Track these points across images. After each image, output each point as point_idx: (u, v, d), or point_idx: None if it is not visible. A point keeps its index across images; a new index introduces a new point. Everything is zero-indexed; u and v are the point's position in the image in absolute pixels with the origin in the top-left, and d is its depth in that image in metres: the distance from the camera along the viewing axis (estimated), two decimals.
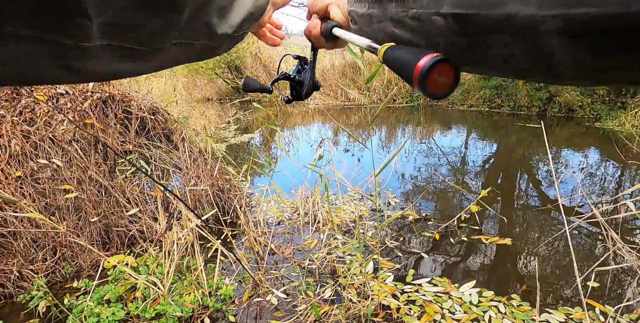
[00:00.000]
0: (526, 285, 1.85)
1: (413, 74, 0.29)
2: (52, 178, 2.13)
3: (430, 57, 0.29)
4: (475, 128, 5.98)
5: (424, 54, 0.29)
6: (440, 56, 0.29)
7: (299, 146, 5.14)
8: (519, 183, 3.44)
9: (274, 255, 2.29)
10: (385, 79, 8.26)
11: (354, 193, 3.14)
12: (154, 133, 2.77)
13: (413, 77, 0.29)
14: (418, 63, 0.29)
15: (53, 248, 2.06)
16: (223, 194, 2.91)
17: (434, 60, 0.29)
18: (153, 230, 2.36)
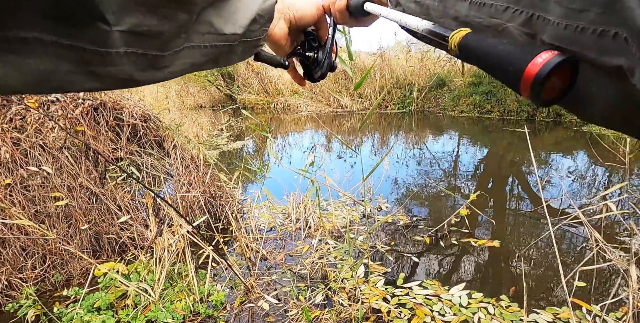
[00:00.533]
0: (515, 286, 1.87)
1: (522, 77, 0.22)
2: (42, 186, 2.13)
3: (549, 56, 0.22)
4: (466, 133, 6.06)
5: (537, 50, 0.22)
6: (562, 55, 0.22)
7: (292, 152, 5.16)
8: (509, 187, 3.49)
9: (265, 260, 2.29)
10: (377, 85, 8.35)
11: (345, 198, 3.16)
12: (145, 140, 2.78)
13: (522, 82, 0.22)
14: (531, 65, 0.22)
15: (42, 256, 2.04)
16: (215, 200, 2.91)
17: (556, 61, 0.21)
18: (144, 237, 2.35)
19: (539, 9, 0.24)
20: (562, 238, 2.38)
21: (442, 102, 7.79)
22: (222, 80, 10.29)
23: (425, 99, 8.04)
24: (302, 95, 9.29)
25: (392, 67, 8.37)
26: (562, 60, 0.22)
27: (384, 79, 8.33)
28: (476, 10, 0.29)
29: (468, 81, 7.44)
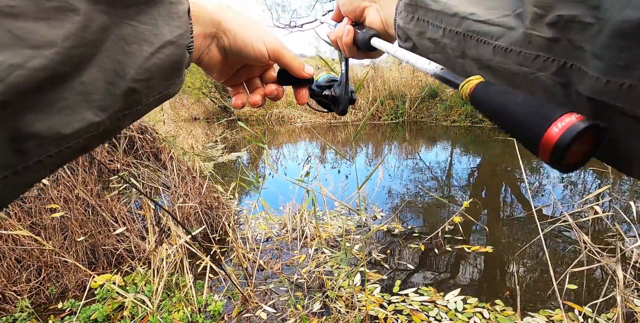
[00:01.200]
0: (509, 290, 1.90)
1: (540, 144, 0.21)
2: (39, 197, 2.13)
3: (572, 122, 0.20)
4: (458, 142, 6.15)
5: (558, 112, 0.20)
6: (586, 121, 0.20)
7: (286, 163, 5.19)
8: (501, 195, 3.55)
9: (262, 270, 2.30)
10: (370, 96, 8.48)
11: (340, 208, 3.19)
12: (142, 152, 2.80)
13: (540, 148, 0.21)
14: (552, 130, 0.20)
15: (38, 268, 2.03)
16: (211, 211, 2.92)
17: (579, 129, 0.19)
18: (141, 249, 2.35)
19: (573, 58, 0.22)
20: (553, 243, 2.43)
21: (434, 113, 7.92)
22: (217, 92, 10.36)
23: (417, 109, 8.16)
24: (296, 107, 9.38)
25: (385, 78, 8.51)
26: (586, 127, 0.19)
27: (377, 91, 8.47)
28: (502, 56, 0.26)
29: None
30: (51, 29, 0.23)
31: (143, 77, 0.29)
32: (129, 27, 0.28)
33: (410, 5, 0.35)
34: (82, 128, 0.26)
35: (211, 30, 0.37)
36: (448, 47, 0.32)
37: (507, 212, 3.08)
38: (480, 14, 0.28)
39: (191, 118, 10.66)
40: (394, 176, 4.21)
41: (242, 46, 0.39)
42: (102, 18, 0.26)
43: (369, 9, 0.45)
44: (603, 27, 0.20)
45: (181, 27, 0.31)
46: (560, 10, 0.23)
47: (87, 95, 0.25)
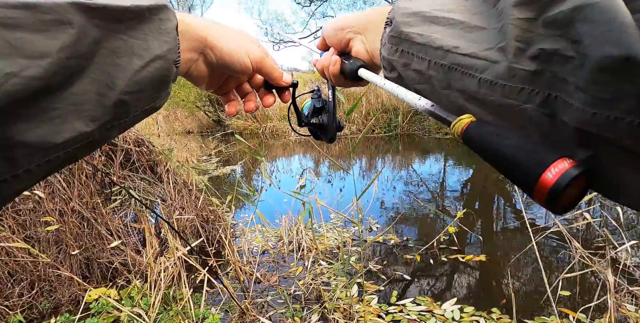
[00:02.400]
0: (505, 298, 1.92)
1: (534, 189, 0.21)
2: (34, 210, 2.12)
3: (565, 168, 0.21)
4: (451, 154, 6.24)
5: (551, 158, 0.21)
6: (578, 167, 0.21)
7: (281, 176, 5.21)
8: (495, 205, 3.59)
9: (259, 283, 2.29)
10: (364, 110, 8.59)
11: (336, 220, 3.20)
12: (138, 165, 2.80)
13: (534, 192, 0.22)
14: (546, 176, 0.21)
15: (31, 282, 2.00)
16: (207, 224, 2.91)
17: (572, 175, 0.21)
18: (137, 262, 2.33)
19: (557, 90, 0.23)
20: (546, 250, 2.46)
21: (426, 125, 8.04)
22: (211, 105, 10.42)
23: (410, 122, 8.28)
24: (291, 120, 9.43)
25: (378, 92, 8.65)
26: (579, 173, 0.21)
27: (370, 104, 8.59)
28: (487, 88, 0.27)
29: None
30: (47, 40, 0.24)
31: (133, 89, 0.30)
32: (120, 41, 0.29)
33: (395, 37, 0.36)
34: (72, 137, 0.26)
35: (197, 46, 0.39)
36: (434, 79, 0.32)
37: (500, 222, 3.12)
38: (463, 47, 0.29)
39: (185, 132, 10.66)
40: (388, 188, 4.24)
41: (228, 61, 0.41)
42: (95, 32, 0.27)
43: (354, 41, 0.45)
44: (584, 61, 0.20)
45: (169, 42, 0.33)
46: (541, 44, 0.23)
47: (78, 105, 0.26)
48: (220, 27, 0.41)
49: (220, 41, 0.40)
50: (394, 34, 0.36)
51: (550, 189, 0.21)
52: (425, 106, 0.31)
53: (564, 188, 0.20)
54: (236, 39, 0.41)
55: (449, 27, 0.31)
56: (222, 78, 0.47)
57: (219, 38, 0.40)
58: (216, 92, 0.49)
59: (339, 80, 0.49)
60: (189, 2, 17.87)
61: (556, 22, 0.22)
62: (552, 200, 0.21)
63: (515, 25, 0.25)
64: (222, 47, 0.40)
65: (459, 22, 0.30)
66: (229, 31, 0.42)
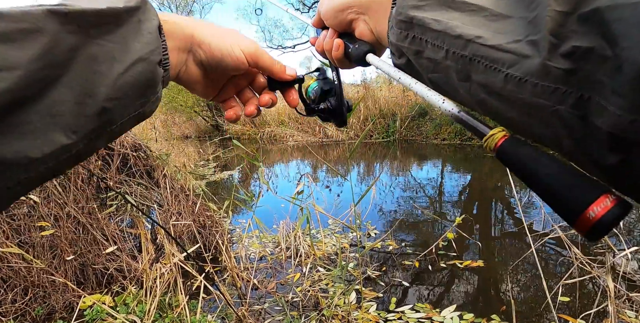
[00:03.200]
0: (505, 305, 1.90)
1: (576, 221, 0.22)
2: (29, 215, 2.09)
3: (607, 207, 0.21)
4: (449, 160, 6.25)
5: (594, 194, 0.21)
6: (621, 207, 0.21)
7: (278, 182, 5.20)
8: (492, 210, 3.59)
9: (257, 290, 2.26)
10: (362, 115, 8.61)
11: (334, 226, 3.18)
12: (135, 170, 2.78)
13: (577, 225, 0.22)
14: (589, 213, 0.21)
15: (24, 288, 1.97)
16: (204, 230, 2.88)
17: (616, 215, 0.21)
18: (132, 268, 2.30)
19: (590, 91, 0.21)
20: (545, 256, 2.45)
21: (424, 131, 8.06)
22: (209, 110, 10.42)
23: (408, 128, 8.30)
24: (288, 125, 9.46)
25: (376, 98, 8.69)
26: (621, 214, 0.21)
27: (368, 110, 8.62)
28: (515, 85, 0.24)
29: None
30: (17, 51, 0.22)
31: (115, 96, 0.28)
32: (98, 46, 0.27)
33: (405, 22, 0.32)
34: (52, 151, 0.25)
35: (185, 44, 0.37)
36: (451, 70, 0.29)
37: (499, 227, 3.11)
38: (487, 37, 0.26)
39: (183, 136, 10.65)
40: (387, 193, 4.24)
41: (219, 56, 0.38)
42: (70, 39, 0.25)
43: (358, 22, 0.41)
44: (622, 64, 0.19)
45: (152, 43, 0.31)
46: (576, 41, 0.21)
47: (55, 117, 0.25)
48: (208, 24, 0.39)
49: (208, 36, 0.37)
50: (404, 19, 0.32)
51: (592, 226, 0.21)
52: (451, 111, 0.29)
53: (607, 226, 0.21)
54: (225, 34, 0.39)
55: (469, 14, 0.28)
56: (219, 82, 0.44)
57: (207, 33, 0.37)
58: (215, 99, 0.46)
59: (342, 63, 0.45)
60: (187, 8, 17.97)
61: (592, 19, 0.21)
62: (594, 236, 0.21)
63: (552, 18, 0.22)
64: (211, 42, 0.37)
65: (481, 8, 0.28)
66: (217, 28, 0.39)
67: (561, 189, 0.22)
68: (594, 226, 0.21)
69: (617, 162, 0.21)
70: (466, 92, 0.29)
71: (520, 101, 0.25)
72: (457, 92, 0.30)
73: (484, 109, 0.28)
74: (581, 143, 0.23)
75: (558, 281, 2.08)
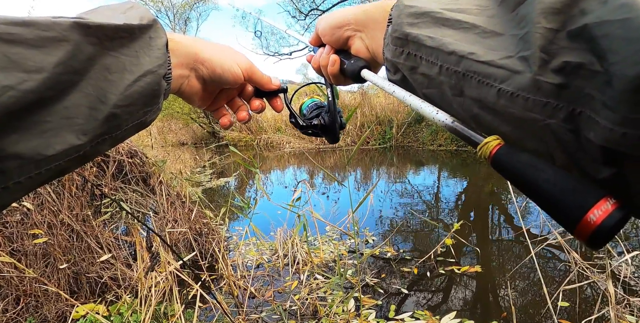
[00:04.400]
0: (505, 311, 1.89)
1: (577, 226, 0.21)
2: (22, 222, 2.06)
3: (608, 211, 0.20)
4: (445, 166, 6.26)
5: (593, 198, 0.21)
6: (622, 211, 0.21)
7: (274, 189, 5.17)
8: (490, 216, 3.58)
9: (254, 298, 2.23)
10: (358, 122, 8.64)
11: (332, 233, 3.16)
12: (131, 176, 2.76)
13: (577, 231, 0.21)
14: (590, 217, 0.20)
15: (16, 297, 1.93)
16: (201, 238, 2.85)
17: (617, 217, 0.20)
18: (127, 276, 2.26)
19: (582, 105, 0.22)
20: (544, 261, 2.44)
21: (421, 137, 8.09)
22: (205, 117, 10.42)
23: (404, 134, 8.34)
24: (284, 132, 9.47)
25: (372, 104, 8.74)
26: (623, 216, 0.20)
27: (365, 116, 8.65)
28: (507, 100, 0.25)
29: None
30: (44, 56, 0.25)
31: (124, 103, 0.31)
32: (112, 57, 0.30)
33: (400, 39, 0.33)
34: (63, 150, 0.27)
35: (188, 61, 0.40)
36: (445, 85, 0.30)
37: (496, 233, 3.10)
38: (480, 54, 0.27)
39: (179, 143, 10.62)
40: (384, 200, 4.22)
41: (220, 72, 0.42)
42: (89, 49, 0.28)
43: (354, 39, 0.42)
44: (611, 79, 0.19)
45: (160, 58, 0.34)
46: (566, 57, 0.22)
47: (70, 119, 0.27)
48: (208, 43, 0.43)
49: (210, 54, 0.41)
50: (399, 35, 0.33)
51: (593, 231, 0.20)
52: (445, 121, 0.29)
53: (609, 231, 0.20)
54: (225, 52, 0.43)
55: (463, 31, 0.29)
56: (214, 94, 0.48)
57: (209, 52, 0.41)
58: (208, 108, 0.49)
59: (338, 79, 0.46)
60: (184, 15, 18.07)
61: (581, 35, 0.21)
62: (595, 241, 0.21)
63: (541, 35, 0.23)
64: (212, 60, 0.41)
65: (474, 26, 0.29)
66: (217, 46, 0.43)
67: (559, 195, 0.22)
68: (595, 232, 0.20)
69: (610, 175, 0.22)
70: (460, 107, 0.30)
71: (512, 115, 0.25)
72: (450, 107, 0.30)
73: (477, 123, 0.28)
74: (574, 156, 0.23)
75: (557, 286, 2.07)
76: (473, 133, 0.27)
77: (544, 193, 0.22)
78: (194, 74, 0.42)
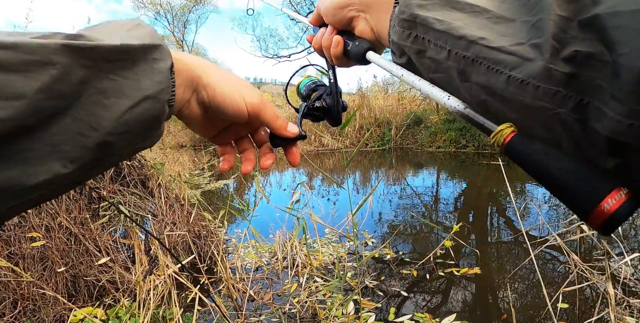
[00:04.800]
0: (504, 312, 1.88)
1: (590, 215, 0.22)
2: (19, 225, 2.05)
3: (622, 200, 0.21)
4: (444, 168, 6.26)
5: (607, 187, 0.21)
6: (635, 200, 0.21)
7: (273, 191, 5.17)
8: (489, 218, 3.58)
9: (253, 301, 2.22)
10: (357, 124, 8.65)
11: (331, 235, 3.15)
12: (129, 179, 2.75)
13: (591, 219, 0.22)
14: (603, 206, 0.21)
15: (14, 301, 1.92)
16: (199, 240, 2.84)
17: (630, 208, 0.21)
18: (125, 280, 2.25)
19: (590, 96, 0.22)
20: (543, 263, 2.44)
21: (419, 139, 8.10)
22: None
23: (403, 136, 8.34)
24: None
25: (371, 106, 8.75)
26: (635, 205, 0.21)
27: (364, 118, 8.66)
28: (517, 87, 0.25)
29: (443, 118, 7.84)
30: (25, 81, 0.23)
31: (119, 131, 0.28)
32: (110, 81, 0.28)
33: (408, 21, 0.32)
34: (47, 179, 0.25)
35: (191, 83, 0.37)
36: (452, 70, 0.29)
37: (495, 235, 3.10)
38: (491, 39, 0.26)
39: (177, 145, 10.61)
40: (383, 202, 4.22)
41: (221, 101, 0.38)
42: (82, 72, 0.26)
43: (358, 19, 0.41)
44: (620, 70, 0.19)
45: (163, 82, 0.31)
46: (577, 46, 0.22)
47: (56, 146, 0.25)
48: (217, 68, 0.39)
49: (215, 81, 0.38)
50: (407, 17, 0.32)
51: (607, 220, 0.21)
52: (456, 107, 0.29)
53: (621, 219, 0.21)
54: (233, 81, 0.39)
55: (473, 15, 0.29)
56: (219, 125, 0.43)
57: (214, 79, 0.38)
58: (213, 140, 0.45)
59: (341, 61, 0.44)
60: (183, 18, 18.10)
61: (591, 25, 0.21)
62: (608, 229, 0.22)
63: (554, 22, 0.23)
64: (215, 86, 0.38)
65: (484, 10, 0.28)
66: (226, 73, 0.40)
67: (574, 183, 0.22)
68: (608, 219, 0.21)
69: (615, 165, 0.22)
70: (467, 93, 0.29)
71: (521, 103, 0.25)
72: (458, 93, 0.30)
73: (485, 110, 0.28)
74: (581, 146, 0.23)
75: (557, 288, 2.06)
76: (486, 120, 0.27)
77: (558, 181, 0.23)
78: (195, 98, 0.38)
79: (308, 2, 9.69)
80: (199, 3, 17.82)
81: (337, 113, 0.49)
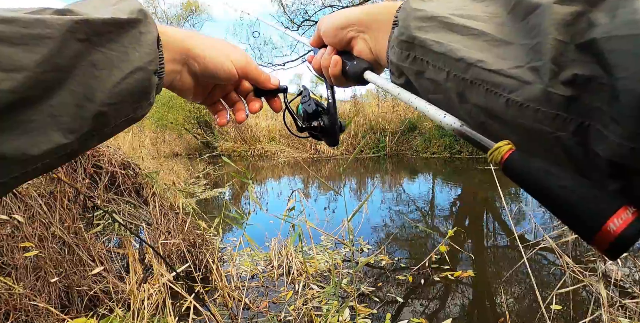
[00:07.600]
0: (500, 316, 1.89)
1: (596, 236, 0.20)
2: (12, 235, 2.03)
3: (629, 219, 0.19)
4: (439, 173, 6.30)
5: (613, 207, 0.20)
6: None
7: (269, 199, 5.16)
8: (484, 222, 3.60)
9: (248, 309, 2.20)
10: (352, 131, 8.68)
11: (326, 242, 3.15)
12: (124, 188, 2.74)
13: (597, 240, 0.20)
14: (609, 226, 0.19)
15: (5, 312, 1.89)
16: (194, 249, 2.82)
17: (638, 226, 0.20)
18: (119, 289, 2.23)
19: (590, 119, 0.22)
20: (538, 266, 2.46)
21: (414, 145, 8.15)
22: (199, 128, 10.41)
23: (398, 142, 8.38)
24: (279, 142, 9.48)
25: (366, 113, 8.80)
26: None
27: (359, 125, 8.70)
28: (516, 110, 0.25)
29: (437, 124, 7.88)
30: (25, 54, 0.24)
31: (113, 101, 0.30)
32: (100, 54, 0.29)
33: (406, 42, 0.33)
34: (49, 149, 0.26)
35: (181, 57, 0.39)
36: (451, 91, 0.29)
37: (490, 239, 3.11)
38: (489, 62, 0.26)
39: (172, 154, 10.56)
40: (378, 208, 4.23)
41: (212, 69, 0.41)
42: (76, 45, 0.27)
43: (357, 40, 0.42)
44: (619, 94, 0.19)
45: (150, 54, 0.33)
46: (576, 69, 0.22)
47: (56, 117, 0.26)
48: (202, 37, 0.41)
49: (203, 50, 0.40)
50: (406, 39, 0.33)
51: (614, 241, 0.20)
52: (453, 125, 0.28)
53: (629, 241, 0.19)
54: (218, 47, 0.41)
55: (471, 38, 0.29)
56: (208, 88, 0.46)
57: (202, 48, 0.40)
58: (203, 103, 0.48)
59: (339, 81, 0.46)
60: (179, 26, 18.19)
61: (589, 49, 0.21)
62: (615, 252, 0.20)
63: (552, 46, 0.23)
64: (205, 56, 0.40)
65: (483, 33, 0.28)
66: (211, 40, 0.42)
67: (576, 202, 0.20)
68: (615, 242, 0.19)
69: (618, 188, 0.21)
70: (466, 115, 0.29)
71: (521, 126, 0.25)
72: (458, 115, 0.30)
73: (484, 131, 0.28)
74: (582, 168, 0.23)
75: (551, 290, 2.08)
76: (483, 137, 0.26)
77: (560, 200, 0.21)
78: (186, 70, 0.40)
79: (302, 11, 9.80)
80: (193, 13, 17.97)
81: (334, 133, 0.51)
